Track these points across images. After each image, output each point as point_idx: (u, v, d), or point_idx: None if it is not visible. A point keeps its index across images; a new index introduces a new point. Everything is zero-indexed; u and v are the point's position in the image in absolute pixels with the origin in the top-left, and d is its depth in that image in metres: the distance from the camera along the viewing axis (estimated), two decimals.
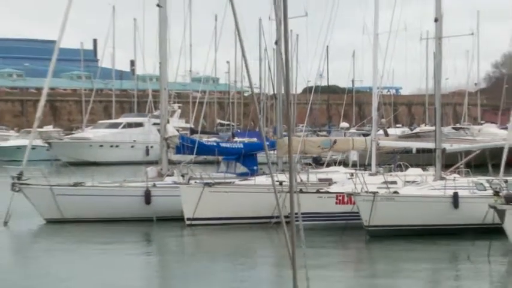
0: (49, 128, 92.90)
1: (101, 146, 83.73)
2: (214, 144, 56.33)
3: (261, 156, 51.52)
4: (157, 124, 50.22)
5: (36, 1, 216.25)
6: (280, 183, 32.67)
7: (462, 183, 38.61)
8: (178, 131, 56.15)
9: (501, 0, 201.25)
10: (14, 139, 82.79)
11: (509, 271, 30.44)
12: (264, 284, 28.75)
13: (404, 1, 55.07)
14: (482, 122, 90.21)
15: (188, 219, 39.10)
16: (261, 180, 39.82)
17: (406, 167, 45.45)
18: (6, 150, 75.03)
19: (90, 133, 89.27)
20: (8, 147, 77.14)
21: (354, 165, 46.74)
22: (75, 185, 43.59)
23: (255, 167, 47.92)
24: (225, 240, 34.90)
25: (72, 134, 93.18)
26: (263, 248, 34.34)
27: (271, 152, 44.74)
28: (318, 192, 38.90)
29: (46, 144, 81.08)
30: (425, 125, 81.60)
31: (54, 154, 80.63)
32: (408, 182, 40.39)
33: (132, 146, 78.59)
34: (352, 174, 41.48)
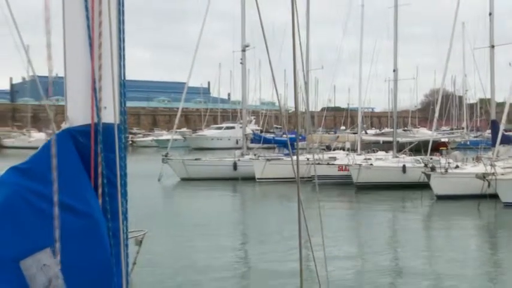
0: (184, 129, 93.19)
1: (212, 139, 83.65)
2: (272, 138, 56.06)
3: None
4: (241, 127, 50.12)
5: (174, 60, 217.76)
6: (308, 159, 32.62)
7: (407, 160, 38.45)
8: (252, 131, 55.99)
9: (430, 60, 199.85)
10: (165, 135, 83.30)
11: (432, 207, 30.08)
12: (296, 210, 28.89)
13: (377, 59, 54.76)
14: (418, 126, 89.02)
15: (258, 178, 39.20)
16: (299, 158, 39.88)
17: (377, 151, 45.49)
18: (161, 141, 75.57)
19: (206, 132, 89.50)
20: (161, 139, 77.75)
21: (348, 149, 46.33)
22: (196, 159, 43.82)
23: (294, 151, 47.69)
24: (277, 189, 34.70)
25: (196, 132, 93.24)
26: (303, 195, 34.16)
27: (304, 142, 44.76)
28: (328, 164, 38.77)
29: (182, 138, 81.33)
30: (387, 128, 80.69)
31: (187, 143, 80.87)
32: (378, 159, 40.45)
33: (229, 139, 78.12)
34: (347, 154, 41.90)
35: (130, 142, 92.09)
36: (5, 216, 2.26)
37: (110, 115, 2.41)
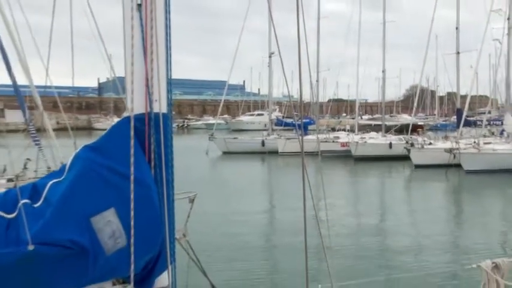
0: (225, 115, 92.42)
1: (246, 123, 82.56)
2: (291, 122, 55.71)
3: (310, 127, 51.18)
4: (268, 114, 49.71)
5: (218, 64, 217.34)
6: (318, 137, 32.52)
7: (393, 138, 38.01)
8: (276, 117, 55.68)
9: (410, 63, 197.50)
10: (211, 120, 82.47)
11: (411, 174, 29.76)
12: (313, 180, 28.81)
13: (370, 63, 54.45)
14: (401, 113, 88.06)
15: (280, 152, 38.68)
16: (309, 137, 39.33)
17: (370, 131, 44.83)
18: (208, 125, 75.18)
19: (242, 118, 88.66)
20: (209, 123, 77.27)
21: (348, 131, 45.96)
22: (234, 138, 43.56)
23: (306, 132, 47.28)
24: (294, 160, 34.27)
25: (235, 118, 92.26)
26: (313, 163, 33.94)
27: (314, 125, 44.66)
28: (333, 141, 38.37)
29: (224, 122, 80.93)
30: (378, 114, 79.97)
31: (228, 126, 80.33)
32: (371, 137, 39.76)
33: (259, 123, 76.67)
34: (347, 134, 41.58)
35: (186, 125, 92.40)
36: (79, 184, 2.28)
37: (159, 106, 2.40)
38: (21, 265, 2.13)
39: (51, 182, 2.31)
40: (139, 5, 2.31)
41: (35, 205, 2.25)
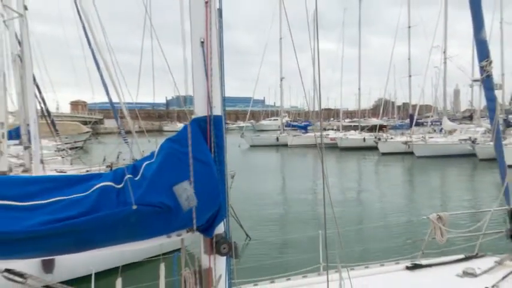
0: (252, 120, 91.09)
1: (266, 125, 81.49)
2: (296, 124, 55.24)
3: (309, 127, 50.52)
4: (281, 119, 49.21)
5: (246, 86, 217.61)
6: (315, 134, 32.16)
7: (366, 134, 37.79)
8: (286, 121, 55.23)
9: (377, 83, 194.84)
10: (242, 124, 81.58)
11: (379, 159, 29.31)
12: (312, 163, 28.26)
13: (350, 83, 53.71)
14: (371, 117, 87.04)
15: (289, 145, 38.47)
16: (309, 134, 38.98)
17: (350, 130, 44.31)
18: (240, 127, 74.33)
19: (263, 122, 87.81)
20: (240, 126, 76.20)
21: (335, 129, 45.49)
22: (257, 135, 43.43)
23: (307, 130, 46.69)
24: (298, 151, 34.32)
25: (258, 122, 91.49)
26: (311, 152, 33.61)
27: (313, 127, 44.22)
28: (324, 137, 37.87)
29: (251, 125, 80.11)
30: (356, 118, 79.03)
31: (253, 128, 79.18)
32: (351, 134, 39.18)
33: (275, 125, 75.57)
34: (335, 132, 41.06)
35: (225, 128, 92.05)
36: (164, 164, 2.31)
37: (217, 111, 2.43)
38: (127, 219, 2.18)
39: (145, 163, 2.36)
40: (202, 43, 2.36)
41: (136, 178, 2.29)
